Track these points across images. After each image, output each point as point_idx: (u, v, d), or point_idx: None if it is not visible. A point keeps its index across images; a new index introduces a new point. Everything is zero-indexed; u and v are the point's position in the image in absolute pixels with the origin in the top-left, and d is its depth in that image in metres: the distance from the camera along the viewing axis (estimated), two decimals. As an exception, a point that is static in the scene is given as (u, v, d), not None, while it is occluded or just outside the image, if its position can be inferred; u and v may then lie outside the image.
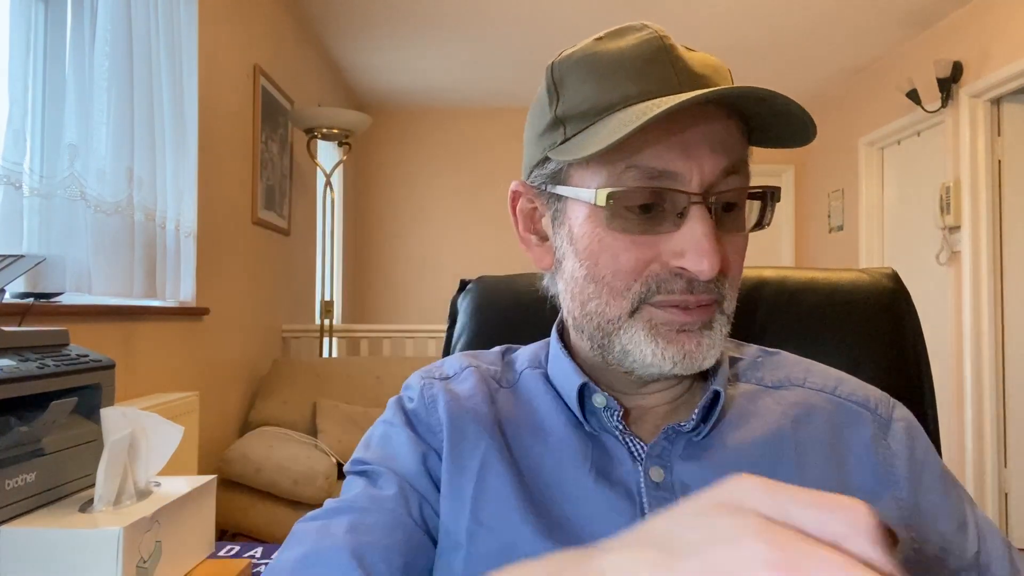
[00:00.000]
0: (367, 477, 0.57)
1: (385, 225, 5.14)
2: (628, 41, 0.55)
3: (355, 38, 3.83)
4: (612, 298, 0.54)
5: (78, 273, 1.65)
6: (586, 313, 0.57)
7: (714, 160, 0.52)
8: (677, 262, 0.52)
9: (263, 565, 1.20)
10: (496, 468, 0.55)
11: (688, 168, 0.52)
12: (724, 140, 0.53)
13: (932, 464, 0.57)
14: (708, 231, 0.51)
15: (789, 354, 0.65)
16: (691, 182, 0.52)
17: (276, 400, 2.81)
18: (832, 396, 0.59)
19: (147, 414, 0.92)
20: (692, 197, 0.52)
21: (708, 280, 0.52)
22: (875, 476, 0.55)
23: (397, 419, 0.61)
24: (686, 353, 0.53)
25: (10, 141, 1.45)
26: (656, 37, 0.55)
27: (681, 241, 0.52)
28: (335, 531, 0.52)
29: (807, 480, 0.53)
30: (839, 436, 0.56)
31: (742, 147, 0.55)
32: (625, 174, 0.52)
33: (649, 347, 0.54)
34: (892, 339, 0.80)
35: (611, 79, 0.54)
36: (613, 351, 0.56)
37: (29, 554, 0.79)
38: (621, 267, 0.54)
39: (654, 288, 0.53)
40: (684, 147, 0.52)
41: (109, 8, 1.76)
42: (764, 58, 4.10)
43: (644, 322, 0.54)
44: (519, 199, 0.63)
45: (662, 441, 0.55)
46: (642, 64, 0.53)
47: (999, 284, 3.31)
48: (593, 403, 0.57)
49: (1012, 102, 3.29)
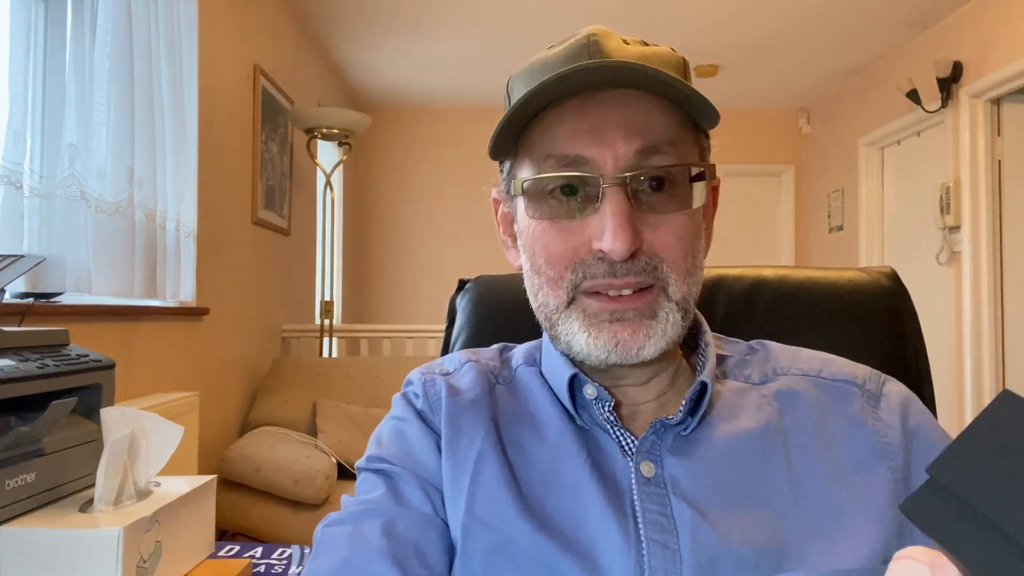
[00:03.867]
0: (387, 476, 0.57)
1: (385, 225, 5.14)
2: (563, 45, 0.57)
3: (355, 38, 3.83)
4: (551, 288, 0.57)
5: (78, 273, 1.65)
6: (537, 305, 0.59)
7: (628, 143, 0.53)
8: (596, 244, 0.53)
9: (263, 565, 1.20)
10: (491, 463, 0.55)
11: (601, 153, 0.53)
12: (641, 122, 0.54)
13: (928, 428, 0.56)
14: (618, 211, 0.52)
15: (775, 345, 0.65)
16: (605, 165, 0.53)
17: (276, 400, 2.81)
18: (817, 379, 0.59)
19: (147, 414, 0.92)
20: (604, 180, 0.53)
21: (628, 261, 0.53)
22: (868, 449, 0.54)
23: (408, 414, 0.61)
24: (619, 342, 0.54)
25: (10, 141, 1.45)
26: (585, 36, 0.56)
27: (597, 223, 0.53)
28: (369, 536, 0.52)
29: (796, 469, 0.53)
30: (827, 418, 0.56)
31: (667, 127, 0.55)
32: (544, 164, 0.55)
33: (583, 336, 0.55)
34: (892, 339, 0.80)
35: (535, 79, 0.55)
36: (560, 341, 0.58)
37: (29, 554, 0.79)
38: (552, 255, 0.56)
39: (581, 274, 0.55)
40: (595, 132, 0.53)
41: (109, 8, 1.76)
42: (764, 58, 4.10)
43: (579, 312, 0.56)
44: (499, 205, 0.66)
45: (650, 436, 0.55)
46: (564, 62, 0.55)
47: (999, 284, 3.31)
48: (584, 394, 0.57)
49: (1012, 102, 3.29)
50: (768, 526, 0.51)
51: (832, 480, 0.53)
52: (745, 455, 0.54)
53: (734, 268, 0.86)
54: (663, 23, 3.60)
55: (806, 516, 0.51)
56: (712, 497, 0.52)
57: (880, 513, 0.51)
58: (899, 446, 0.55)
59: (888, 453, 0.54)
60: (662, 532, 0.50)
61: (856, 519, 0.51)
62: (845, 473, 0.53)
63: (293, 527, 2.33)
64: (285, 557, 1.24)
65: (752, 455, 0.54)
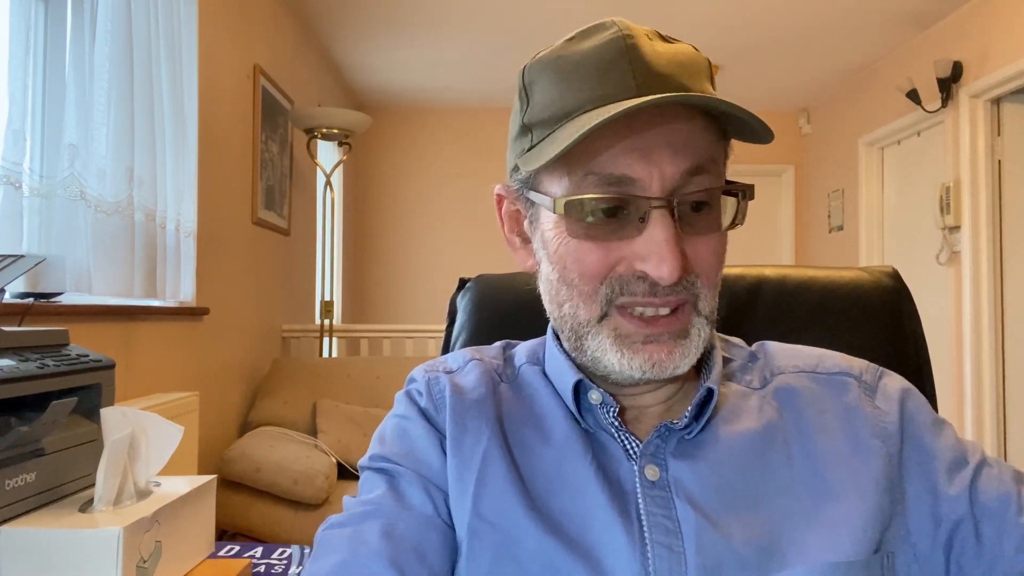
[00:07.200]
0: (388, 476, 0.57)
1: (385, 225, 5.14)
2: (592, 42, 0.53)
3: (355, 38, 3.83)
4: (583, 301, 0.55)
5: (78, 273, 1.65)
6: (562, 315, 0.57)
7: (675, 162, 0.51)
8: (640, 266, 0.52)
9: (263, 565, 1.20)
10: (497, 462, 0.55)
11: (648, 172, 0.51)
12: (687, 141, 0.52)
13: (923, 413, 0.57)
14: (668, 236, 0.50)
15: (773, 345, 0.65)
16: (651, 186, 0.51)
17: (276, 400, 2.81)
18: (814, 374, 0.60)
19: (147, 414, 0.92)
20: (653, 202, 0.51)
21: (673, 283, 0.52)
22: (867, 433, 0.55)
23: (411, 412, 0.61)
24: (655, 362, 0.53)
25: (10, 141, 1.45)
26: (619, 37, 0.53)
27: (643, 246, 0.51)
28: (368, 538, 0.51)
29: (796, 465, 0.54)
30: (824, 409, 0.57)
31: (710, 145, 0.54)
32: (584, 181, 0.52)
33: (615, 356, 0.54)
34: (892, 338, 0.80)
35: (571, 83, 0.53)
36: (586, 354, 0.56)
37: (29, 554, 0.79)
38: (587, 269, 0.54)
39: (618, 289, 0.53)
40: (643, 151, 0.51)
41: (109, 8, 1.76)
42: (764, 58, 4.10)
43: (611, 330, 0.54)
44: (503, 202, 0.64)
45: (655, 439, 0.55)
46: (601, 67, 0.52)
47: (999, 284, 3.31)
48: (589, 399, 0.57)
49: (1012, 102, 3.29)
50: (770, 525, 0.51)
51: (831, 468, 0.53)
52: (747, 456, 0.54)
53: (735, 267, 0.86)
54: (663, 23, 3.60)
55: (807, 509, 0.52)
56: (716, 500, 0.52)
57: (877, 497, 0.52)
58: (896, 430, 0.55)
59: (886, 437, 0.55)
60: (667, 535, 0.50)
61: (854, 504, 0.51)
62: (843, 458, 0.54)
63: (293, 527, 2.33)
64: (285, 557, 1.24)
65: (754, 456, 0.54)
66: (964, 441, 0.57)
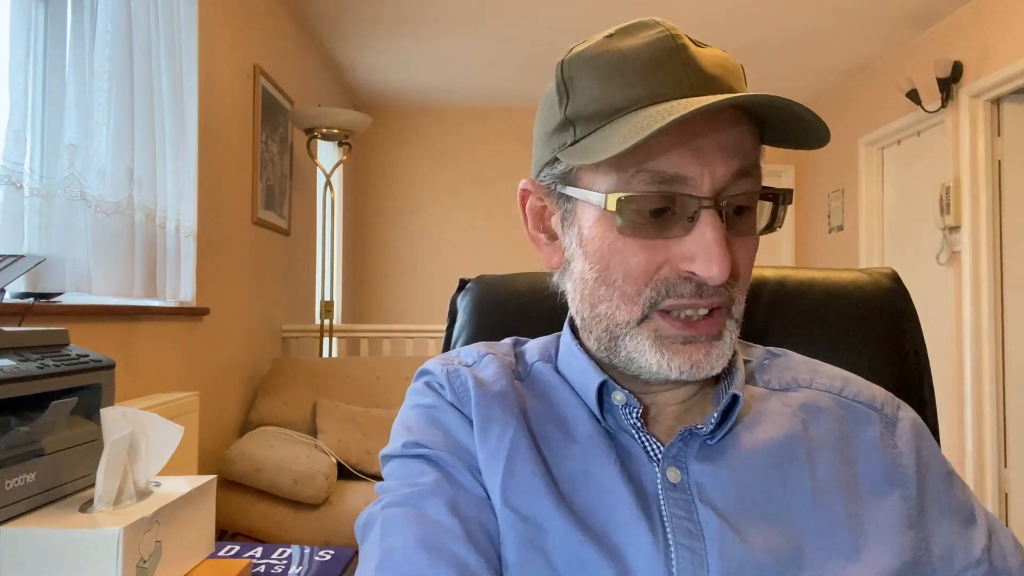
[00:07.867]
0: (431, 461, 0.56)
1: (385, 225, 5.14)
2: (639, 40, 0.53)
3: (355, 38, 3.83)
4: (623, 302, 0.54)
5: (78, 273, 1.65)
6: (596, 315, 0.57)
7: (726, 164, 0.51)
8: (687, 266, 0.52)
9: (263, 565, 1.20)
10: (524, 454, 0.55)
11: (700, 172, 0.51)
12: (737, 144, 0.52)
13: (938, 462, 0.58)
14: (719, 236, 0.51)
15: (795, 354, 0.65)
16: (702, 186, 0.51)
17: (276, 400, 2.81)
18: (839, 397, 0.60)
19: (147, 414, 0.92)
20: (703, 201, 0.51)
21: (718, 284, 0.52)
22: (884, 475, 0.55)
23: (439, 401, 0.60)
24: (693, 363, 0.54)
25: (10, 141, 1.45)
26: (668, 36, 0.53)
27: (692, 246, 0.52)
28: (436, 516, 0.52)
29: (819, 481, 0.54)
30: (848, 436, 0.57)
31: (754, 150, 0.54)
32: (635, 178, 0.52)
33: (654, 357, 0.54)
34: (892, 339, 0.80)
35: (621, 80, 0.53)
36: (619, 354, 0.56)
37: (29, 554, 0.79)
38: (632, 271, 0.53)
39: (664, 292, 0.53)
40: (696, 151, 0.51)
41: (109, 8, 1.76)
42: (764, 58, 4.10)
43: (650, 331, 0.54)
44: (528, 197, 0.63)
45: (678, 443, 0.55)
46: (653, 65, 0.52)
47: (999, 284, 3.31)
48: (612, 400, 0.57)
49: (1012, 102, 3.28)
50: (789, 536, 0.51)
51: (851, 496, 0.54)
52: (770, 464, 0.54)
53: (734, 268, 0.86)
54: (663, 23, 3.60)
55: (826, 529, 0.52)
56: (736, 505, 0.52)
57: (896, 537, 0.52)
58: (912, 477, 0.56)
59: (901, 481, 0.55)
60: (689, 537, 0.51)
61: (873, 538, 0.52)
62: (863, 492, 0.54)
63: (293, 527, 2.33)
64: (285, 557, 1.24)
65: (776, 465, 0.54)
66: (972, 495, 0.58)
